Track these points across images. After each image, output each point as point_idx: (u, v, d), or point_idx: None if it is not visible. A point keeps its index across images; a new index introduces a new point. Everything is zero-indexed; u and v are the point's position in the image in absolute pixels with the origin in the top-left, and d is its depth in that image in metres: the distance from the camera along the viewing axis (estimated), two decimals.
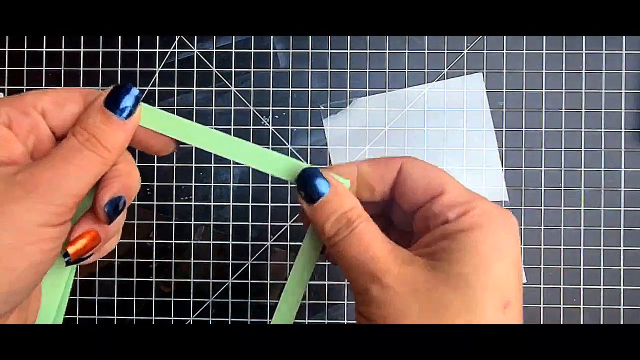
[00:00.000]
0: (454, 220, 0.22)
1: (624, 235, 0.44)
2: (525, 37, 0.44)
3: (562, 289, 0.44)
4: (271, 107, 0.45)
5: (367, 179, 0.25)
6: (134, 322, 0.44)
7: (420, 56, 0.45)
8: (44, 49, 0.45)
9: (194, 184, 0.44)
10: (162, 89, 0.45)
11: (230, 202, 0.44)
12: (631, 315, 0.44)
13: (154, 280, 0.44)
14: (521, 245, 0.44)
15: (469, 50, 0.44)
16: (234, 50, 0.45)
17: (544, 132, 0.44)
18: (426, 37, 0.44)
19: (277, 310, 0.25)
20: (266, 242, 0.44)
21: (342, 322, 0.44)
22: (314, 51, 0.45)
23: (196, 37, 0.45)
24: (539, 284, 0.44)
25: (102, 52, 0.45)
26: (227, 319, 0.44)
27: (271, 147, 0.44)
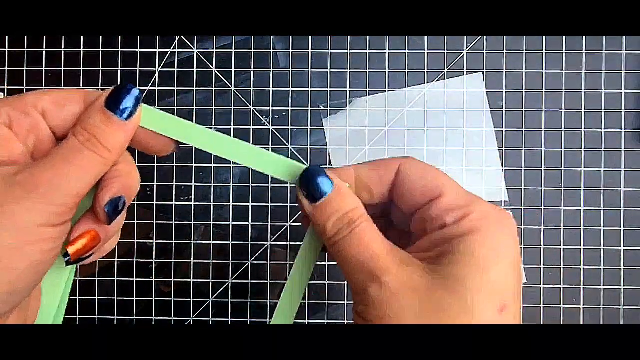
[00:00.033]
0: (452, 224, 0.22)
1: (624, 235, 0.44)
2: (525, 37, 0.44)
3: (562, 289, 0.44)
4: (271, 107, 0.45)
5: (365, 181, 0.25)
6: (134, 322, 0.44)
7: (420, 56, 0.45)
8: (44, 49, 0.45)
9: (194, 184, 0.44)
10: (162, 89, 0.45)
11: (230, 202, 0.44)
12: (631, 315, 0.44)
13: (154, 280, 0.44)
14: (521, 245, 0.44)
15: (469, 50, 0.44)
16: (234, 50, 0.45)
17: (544, 132, 0.44)
18: (426, 37, 0.44)
19: (277, 310, 0.25)
20: (266, 242, 0.44)
21: (342, 322, 0.44)
22: (314, 51, 0.45)
23: (196, 37, 0.45)
24: (539, 284, 0.44)
25: (102, 52, 0.45)
26: (227, 319, 0.44)
27: (271, 147, 0.44)
